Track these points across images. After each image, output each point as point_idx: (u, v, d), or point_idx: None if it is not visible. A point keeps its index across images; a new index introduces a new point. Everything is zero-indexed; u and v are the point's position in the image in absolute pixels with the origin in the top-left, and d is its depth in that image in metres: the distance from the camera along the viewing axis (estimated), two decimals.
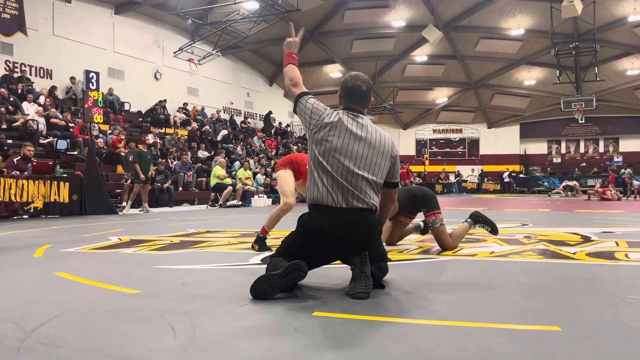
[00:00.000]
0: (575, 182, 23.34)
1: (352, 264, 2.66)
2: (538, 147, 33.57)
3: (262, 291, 2.51)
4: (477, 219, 4.61)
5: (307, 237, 2.78)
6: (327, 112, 2.84)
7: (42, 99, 14.67)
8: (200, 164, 16.11)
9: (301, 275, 2.55)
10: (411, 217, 4.71)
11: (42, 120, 13.36)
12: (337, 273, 3.36)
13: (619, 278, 3.15)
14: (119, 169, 13.77)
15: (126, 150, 12.02)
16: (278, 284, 2.51)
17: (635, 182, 19.85)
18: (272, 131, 26.02)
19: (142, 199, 11.20)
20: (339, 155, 2.73)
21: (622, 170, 24.82)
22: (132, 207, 11.39)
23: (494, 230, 4.61)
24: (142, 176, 10.81)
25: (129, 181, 11.38)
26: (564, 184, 23.92)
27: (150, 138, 16.20)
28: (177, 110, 20.58)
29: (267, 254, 4.20)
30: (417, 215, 4.76)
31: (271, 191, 16.21)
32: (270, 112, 27.41)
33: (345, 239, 2.72)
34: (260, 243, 4.42)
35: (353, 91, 2.88)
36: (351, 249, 2.72)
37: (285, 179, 4.48)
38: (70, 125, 14.05)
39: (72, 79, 16.59)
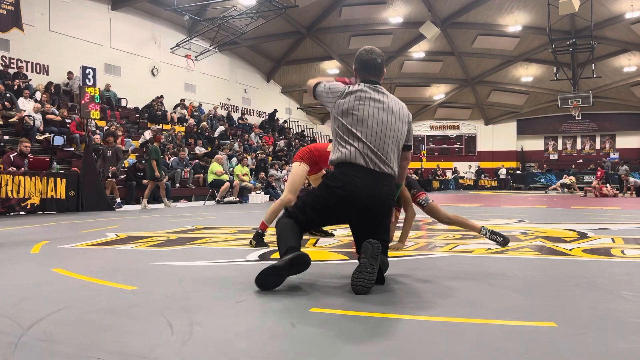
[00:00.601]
0: (572, 179, 23.40)
1: (362, 250, 2.65)
2: (535, 144, 33.64)
3: (267, 282, 2.63)
4: (492, 235, 4.42)
5: (332, 194, 2.84)
6: (347, 86, 3.01)
7: (38, 95, 14.61)
8: (197, 160, 16.09)
9: (305, 268, 2.67)
10: (399, 209, 4.68)
11: (38, 117, 13.31)
12: (335, 269, 3.38)
13: (615, 274, 3.16)
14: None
15: (105, 146, 12.08)
16: (283, 275, 2.63)
17: (631, 179, 19.90)
18: (277, 129, 26.06)
19: (160, 194, 11.61)
20: (368, 123, 2.88)
21: (618, 167, 24.89)
22: (127, 203, 11.43)
23: (505, 240, 4.30)
24: (157, 173, 11.18)
25: (111, 176, 11.45)
26: (560, 181, 23.98)
27: (147, 134, 16.19)
28: (175, 107, 20.53)
29: (264, 250, 4.20)
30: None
31: (268, 186, 16.20)
32: (275, 110, 27.46)
33: (369, 193, 2.81)
34: (258, 239, 4.42)
35: (369, 64, 3.04)
36: (368, 215, 2.84)
37: (296, 173, 4.44)
38: (67, 121, 14.00)
39: (70, 74, 16.53)
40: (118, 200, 11.02)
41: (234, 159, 16.68)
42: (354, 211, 2.86)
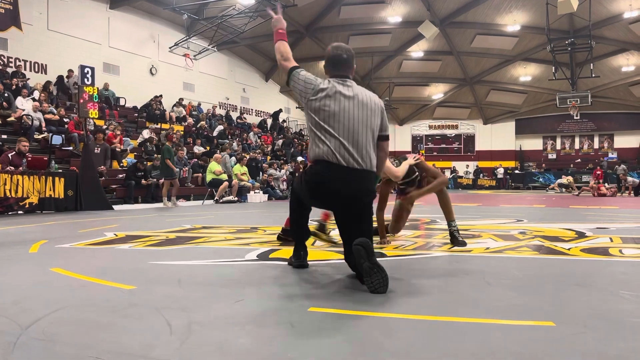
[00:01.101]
0: (569, 178, 23.42)
1: (356, 255, 2.66)
2: (533, 143, 33.67)
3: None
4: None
5: (308, 186, 3.02)
6: (318, 81, 3.07)
7: (36, 94, 14.59)
8: (196, 160, 16.08)
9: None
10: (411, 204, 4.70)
11: (39, 116, 13.29)
12: (334, 269, 3.38)
13: (613, 274, 3.17)
14: (115, 164, 13.74)
15: (93, 142, 12.18)
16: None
17: (629, 179, 19.92)
18: (278, 129, 26.10)
19: (171, 193, 11.89)
20: (339, 118, 2.93)
21: (616, 167, 24.91)
22: (126, 203, 11.45)
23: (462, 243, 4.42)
24: (176, 170, 11.72)
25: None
26: (558, 181, 23.99)
27: (145, 134, 16.18)
28: (173, 106, 20.52)
29: (264, 249, 4.20)
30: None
31: (268, 187, 16.20)
32: (280, 110, 27.52)
33: (347, 194, 2.91)
34: (285, 236, 4.50)
35: (335, 60, 3.11)
36: (346, 210, 2.96)
37: None
38: (65, 120, 13.98)
39: (70, 71, 16.48)
40: None
41: (233, 158, 16.67)
42: (332, 205, 3.07)
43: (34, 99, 14.12)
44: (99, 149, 11.88)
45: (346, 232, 2.99)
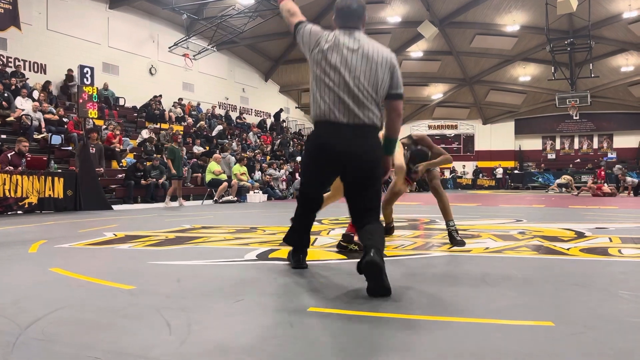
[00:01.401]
0: (569, 178, 23.42)
1: (367, 273, 2.48)
2: (533, 143, 33.68)
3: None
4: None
5: (311, 156, 2.94)
6: (324, 33, 2.93)
7: (35, 94, 14.58)
8: (195, 160, 16.07)
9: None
10: (410, 182, 4.67)
11: (38, 116, 13.27)
12: (333, 269, 3.38)
13: (612, 273, 3.17)
14: (114, 164, 13.74)
15: (88, 142, 12.19)
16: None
17: (628, 179, 19.93)
18: (279, 129, 26.16)
19: (176, 193, 11.99)
20: (338, 70, 2.78)
21: (612, 168, 24.93)
22: (126, 202, 11.43)
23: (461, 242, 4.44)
24: (173, 171, 11.84)
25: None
26: (557, 181, 24.00)
27: (144, 133, 16.17)
28: (173, 105, 20.51)
29: (263, 249, 4.20)
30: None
31: (267, 187, 16.19)
32: (281, 110, 27.52)
33: (346, 152, 2.77)
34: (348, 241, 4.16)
35: (343, 10, 2.94)
36: (351, 173, 2.82)
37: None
38: (65, 120, 13.97)
39: (70, 70, 16.46)
40: None
41: (232, 158, 16.67)
42: (337, 171, 2.88)
43: (33, 99, 14.10)
44: (94, 149, 11.83)
45: (354, 203, 2.88)
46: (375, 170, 2.85)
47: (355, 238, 4.08)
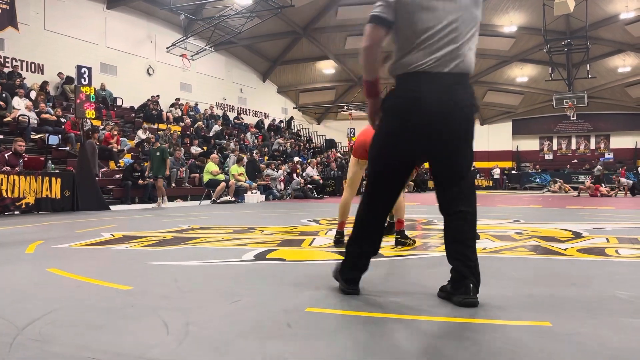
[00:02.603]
0: (558, 183, 23.37)
1: (460, 267, 2.30)
2: (530, 144, 33.74)
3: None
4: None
5: (394, 120, 2.36)
6: None
7: (33, 94, 14.56)
8: (193, 160, 16.06)
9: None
10: (417, 168, 4.66)
11: (32, 115, 13.25)
12: (330, 269, 3.37)
13: (610, 274, 3.18)
14: (112, 164, 13.72)
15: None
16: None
17: (622, 180, 19.97)
18: (288, 134, 26.52)
19: (156, 194, 11.94)
20: (434, 14, 2.30)
21: (598, 167, 25.02)
22: (123, 203, 11.41)
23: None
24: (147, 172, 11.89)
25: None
26: (548, 187, 23.98)
27: (141, 134, 16.16)
28: (170, 107, 20.50)
29: (261, 249, 4.20)
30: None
31: (265, 187, 16.18)
32: (292, 118, 28.86)
33: (442, 115, 2.27)
34: (338, 241, 4.39)
35: None
36: (443, 133, 2.30)
37: (349, 168, 4.43)
38: (62, 120, 13.95)
39: (60, 74, 16.45)
40: None
41: (231, 158, 16.67)
42: (425, 134, 2.31)
43: (30, 99, 14.07)
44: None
45: (442, 179, 2.42)
46: (469, 131, 2.40)
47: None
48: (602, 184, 20.23)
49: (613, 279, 3.02)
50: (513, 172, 31.73)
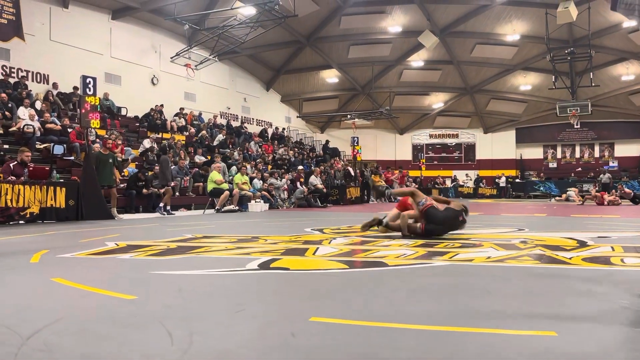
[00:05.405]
0: (565, 196, 23.32)
1: None
2: (534, 152, 33.68)
3: None
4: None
5: None
6: None
7: (38, 104, 14.65)
8: (197, 169, 16.10)
9: None
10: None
11: (36, 125, 13.32)
12: (335, 278, 3.37)
13: (615, 283, 3.16)
14: (116, 173, 13.75)
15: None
16: None
17: (625, 189, 19.90)
18: (325, 152, 26.97)
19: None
20: None
21: (601, 176, 24.93)
22: (127, 212, 11.39)
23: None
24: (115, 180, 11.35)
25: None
26: (555, 198, 23.88)
27: (146, 143, 16.21)
28: (174, 116, 20.58)
29: (265, 258, 4.19)
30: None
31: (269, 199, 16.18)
32: (327, 141, 29.42)
33: None
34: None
35: None
36: None
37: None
38: (68, 130, 14.02)
39: (55, 85, 16.50)
40: None
41: (234, 168, 16.70)
42: None
43: (35, 109, 14.16)
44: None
45: None
46: None
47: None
48: (611, 191, 20.12)
49: (618, 288, 3.00)
50: (517, 180, 31.64)
